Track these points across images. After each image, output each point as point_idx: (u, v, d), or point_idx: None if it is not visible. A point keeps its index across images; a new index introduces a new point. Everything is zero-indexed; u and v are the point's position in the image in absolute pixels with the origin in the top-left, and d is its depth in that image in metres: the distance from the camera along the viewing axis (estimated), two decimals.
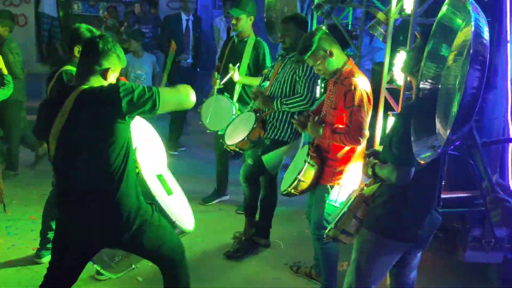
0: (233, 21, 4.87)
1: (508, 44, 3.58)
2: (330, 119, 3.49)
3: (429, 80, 2.55)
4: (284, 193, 3.68)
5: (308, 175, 3.53)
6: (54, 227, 3.33)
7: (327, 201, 3.51)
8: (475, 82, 2.09)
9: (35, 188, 5.32)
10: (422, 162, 2.42)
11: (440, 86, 2.49)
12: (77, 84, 2.61)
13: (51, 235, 3.92)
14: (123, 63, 2.72)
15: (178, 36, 6.79)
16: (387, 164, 2.74)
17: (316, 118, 3.56)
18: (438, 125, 2.37)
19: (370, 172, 2.91)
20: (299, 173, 3.52)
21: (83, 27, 3.56)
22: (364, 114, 3.32)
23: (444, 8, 2.45)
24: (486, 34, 2.16)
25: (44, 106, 2.74)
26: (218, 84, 4.77)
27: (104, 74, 2.63)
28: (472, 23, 2.13)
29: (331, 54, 3.42)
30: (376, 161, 2.87)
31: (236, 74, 4.76)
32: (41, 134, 2.72)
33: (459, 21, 2.35)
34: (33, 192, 4.91)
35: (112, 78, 2.67)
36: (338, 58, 3.46)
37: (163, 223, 2.87)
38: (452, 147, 2.46)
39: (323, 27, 4.08)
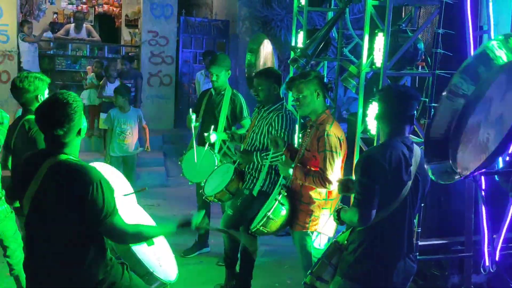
0: (214, 78, 5.00)
1: None
2: (304, 159, 3.68)
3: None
4: (253, 230, 3.74)
5: (277, 213, 3.63)
6: None
7: (311, 246, 3.60)
8: None
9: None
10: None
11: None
12: (52, 151, 2.54)
13: None
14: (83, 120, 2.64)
15: None
16: (350, 207, 2.84)
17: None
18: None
19: (335, 216, 2.99)
20: (269, 211, 3.62)
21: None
22: (336, 158, 3.52)
23: None
24: None
25: (21, 166, 2.67)
26: (193, 121, 4.86)
27: (77, 134, 2.57)
28: None
29: (318, 95, 3.65)
30: (342, 206, 2.97)
31: (213, 136, 4.83)
32: (14, 194, 2.66)
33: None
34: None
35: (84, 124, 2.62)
36: (320, 103, 3.69)
37: (135, 282, 2.81)
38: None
39: None
